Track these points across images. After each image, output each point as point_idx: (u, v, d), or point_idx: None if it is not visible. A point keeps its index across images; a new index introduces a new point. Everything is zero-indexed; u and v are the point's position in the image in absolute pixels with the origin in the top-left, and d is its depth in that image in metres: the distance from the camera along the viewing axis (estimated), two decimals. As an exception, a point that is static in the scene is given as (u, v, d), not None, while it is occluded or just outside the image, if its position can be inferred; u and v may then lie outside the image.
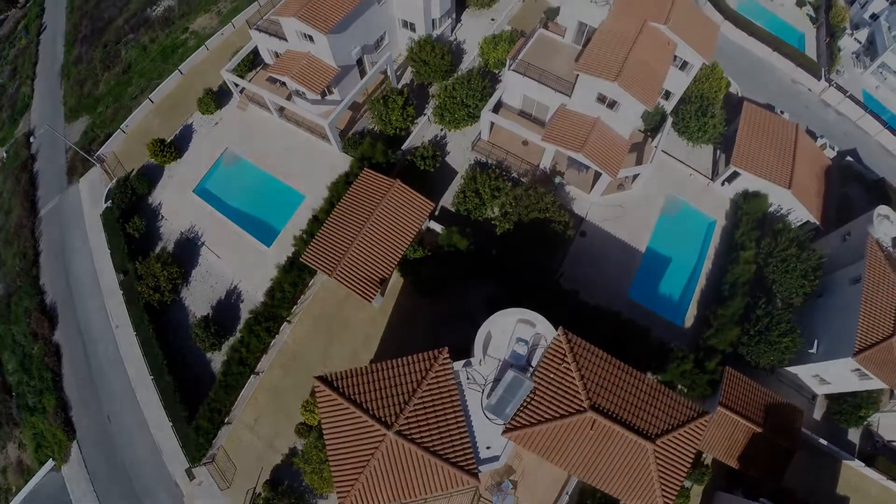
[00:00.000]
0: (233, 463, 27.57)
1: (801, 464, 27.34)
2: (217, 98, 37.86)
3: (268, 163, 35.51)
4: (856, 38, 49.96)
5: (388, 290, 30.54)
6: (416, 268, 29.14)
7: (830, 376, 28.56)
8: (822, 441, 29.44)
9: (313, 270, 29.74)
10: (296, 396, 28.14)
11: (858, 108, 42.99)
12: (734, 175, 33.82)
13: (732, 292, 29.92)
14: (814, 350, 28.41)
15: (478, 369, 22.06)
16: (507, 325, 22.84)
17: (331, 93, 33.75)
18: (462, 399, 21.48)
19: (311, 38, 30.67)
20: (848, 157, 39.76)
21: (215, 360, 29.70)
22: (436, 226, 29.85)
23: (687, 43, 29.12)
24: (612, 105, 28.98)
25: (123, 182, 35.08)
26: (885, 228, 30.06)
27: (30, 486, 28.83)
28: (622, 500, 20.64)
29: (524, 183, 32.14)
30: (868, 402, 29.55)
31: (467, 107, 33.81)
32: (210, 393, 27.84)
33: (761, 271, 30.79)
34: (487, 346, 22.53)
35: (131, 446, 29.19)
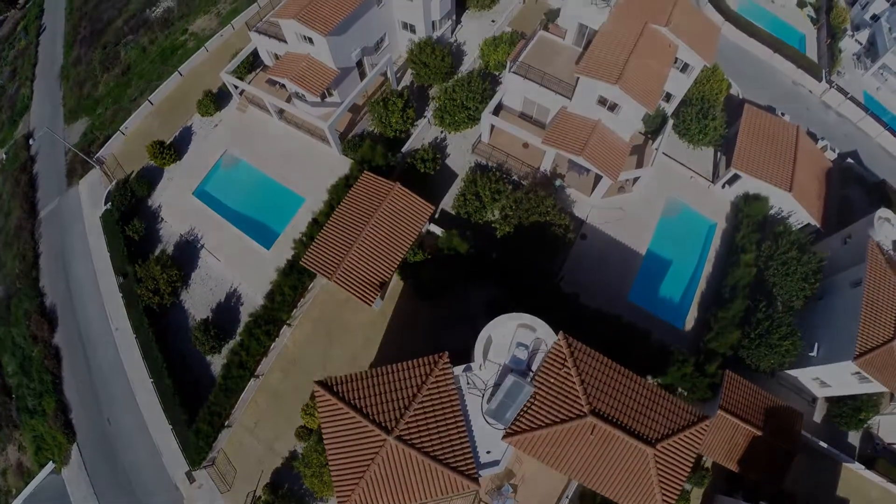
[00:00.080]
0: (233, 466, 27.60)
1: (801, 466, 27.42)
2: (216, 100, 37.77)
3: (267, 165, 35.42)
4: (857, 40, 49.84)
5: (388, 294, 30.49)
6: (417, 271, 29.11)
7: (831, 379, 28.60)
8: (822, 444, 29.47)
9: (313, 273, 29.69)
10: (296, 400, 28.12)
11: (859, 110, 42.93)
12: (735, 177, 33.76)
13: (733, 295, 29.88)
14: (814, 353, 28.43)
15: (478, 374, 22.04)
16: (508, 329, 22.81)
17: (330, 95, 33.68)
18: (462, 404, 21.43)
19: (310, 41, 30.58)
20: (849, 159, 39.69)
21: (215, 363, 29.69)
22: (436, 229, 29.79)
23: (688, 45, 29.02)
24: (612, 108, 28.92)
25: (123, 184, 35.05)
26: (886, 231, 30.02)
27: (30, 488, 28.84)
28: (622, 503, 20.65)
29: (525, 186, 32.08)
30: (868, 405, 29.61)
31: (467, 109, 33.69)
32: (210, 396, 27.87)
33: (762, 274, 30.74)
34: (488, 351, 22.50)
35: (131, 449, 29.24)
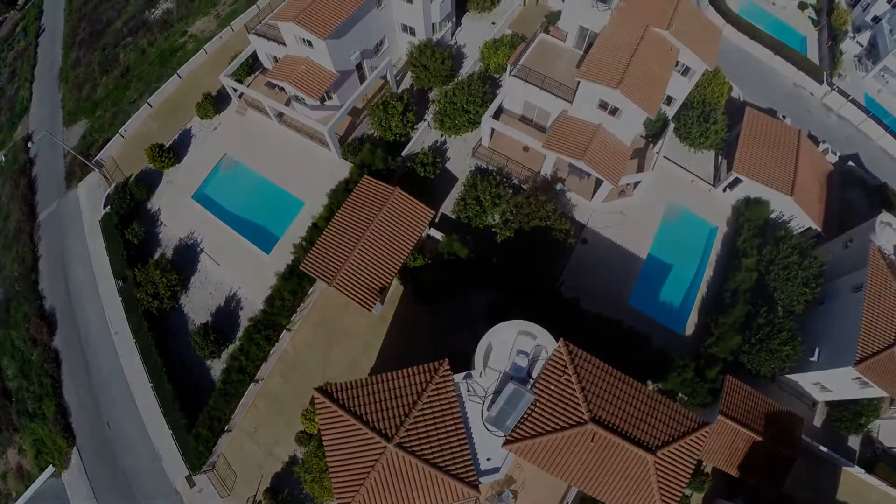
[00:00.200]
0: (233, 470, 27.58)
1: (801, 470, 27.37)
2: (216, 103, 37.65)
3: (267, 169, 35.32)
4: (858, 42, 49.61)
5: (387, 298, 30.43)
6: (417, 276, 29.05)
7: (831, 384, 28.57)
8: (822, 448, 29.45)
9: (313, 278, 29.61)
10: (296, 404, 28.08)
11: (860, 112, 42.79)
12: (736, 181, 33.67)
13: (734, 300, 29.82)
14: (815, 358, 28.38)
15: (478, 381, 21.98)
16: (508, 336, 22.76)
17: (330, 98, 33.56)
18: (462, 411, 21.40)
19: (309, 44, 30.44)
20: (850, 162, 39.59)
21: (215, 367, 29.64)
22: (436, 233, 29.73)
23: (689, 48, 28.93)
24: (613, 112, 28.81)
25: (122, 187, 34.97)
26: (888, 236, 29.94)
27: (30, 491, 28.82)
28: (622, 510, 20.61)
29: (525, 190, 31.98)
30: (868, 410, 29.63)
31: (468, 112, 33.58)
32: (210, 401, 27.83)
33: (763, 279, 30.70)
34: (488, 358, 22.45)
35: (131, 453, 29.21)
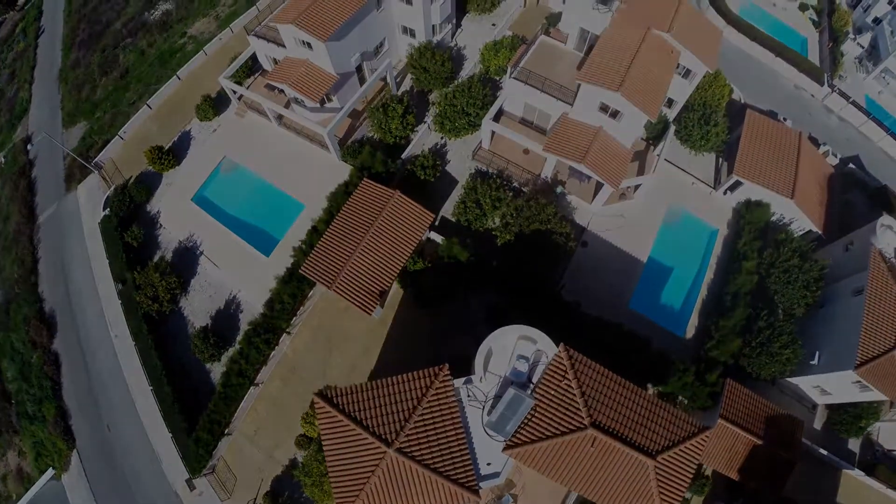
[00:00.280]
0: (233, 474, 27.59)
1: (801, 473, 27.32)
2: (215, 105, 37.59)
3: (266, 171, 35.26)
4: (859, 43, 49.44)
5: (387, 302, 30.39)
6: (417, 279, 29.01)
7: (831, 387, 28.53)
8: (822, 451, 29.43)
9: (312, 281, 29.59)
10: (296, 408, 28.06)
11: (861, 114, 42.63)
12: (736, 184, 33.60)
13: (734, 303, 29.77)
14: (815, 362, 28.33)
15: (478, 386, 21.96)
16: (508, 341, 22.72)
17: (330, 100, 33.50)
18: (463, 416, 21.38)
19: (309, 46, 30.37)
20: (850, 164, 39.49)
21: (215, 370, 29.63)
22: (436, 236, 29.66)
23: (690, 51, 28.82)
24: (614, 115, 28.73)
25: (121, 190, 34.91)
26: (889, 239, 29.85)
27: (30, 494, 28.88)
28: (622, 515, 20.59)
29: (525, 193, 31.92)
30: (868, 413, 29.56)
31: (468, 115, 33.50)
32: (210, 404, 27.82)
33: (763, 282, 30.64)
34: (488, 363, 22.41)
35: (131, 456, 29.22)
